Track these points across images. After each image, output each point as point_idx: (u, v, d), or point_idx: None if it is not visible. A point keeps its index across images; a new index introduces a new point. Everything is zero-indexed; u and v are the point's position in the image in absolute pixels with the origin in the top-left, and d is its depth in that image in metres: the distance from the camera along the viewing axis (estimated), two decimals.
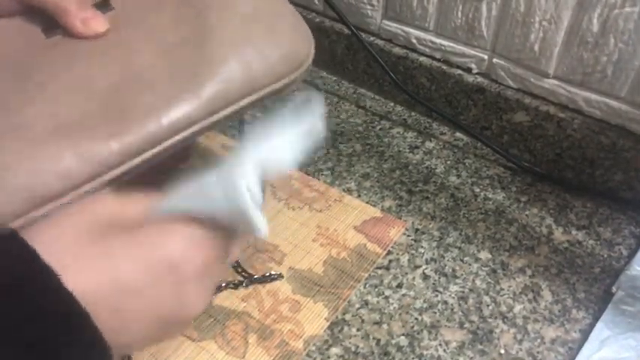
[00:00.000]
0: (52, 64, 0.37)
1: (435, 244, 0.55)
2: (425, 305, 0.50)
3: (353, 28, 0.67)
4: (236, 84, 0.38)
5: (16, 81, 0.36)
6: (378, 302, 0.50)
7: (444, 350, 0.47)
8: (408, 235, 0.56)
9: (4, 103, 0.34)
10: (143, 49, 0.38)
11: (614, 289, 0.51)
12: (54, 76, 0.36)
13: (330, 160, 0.64)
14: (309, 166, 0.63)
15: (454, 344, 0.47)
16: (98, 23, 0.37)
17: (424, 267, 0.53)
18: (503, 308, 0.50)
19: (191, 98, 0.36)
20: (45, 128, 0.33)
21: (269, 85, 0.39)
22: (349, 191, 0.60)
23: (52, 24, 0.38)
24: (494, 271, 0.53)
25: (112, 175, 0.35)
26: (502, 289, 0.52)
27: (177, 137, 0.36)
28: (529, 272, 0.53)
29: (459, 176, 0.63)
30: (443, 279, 0.52)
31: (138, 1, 0.40)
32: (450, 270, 0.53)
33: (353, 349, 0.47)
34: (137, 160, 0.35)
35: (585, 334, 0.48)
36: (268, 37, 0.39)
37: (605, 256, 0.55)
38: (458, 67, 0.66)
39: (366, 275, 0.52)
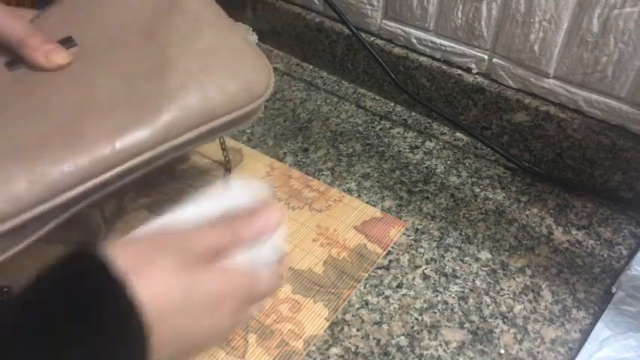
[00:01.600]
0: (14, 93, 0.37)
1: (435, 244, 0.55)
2: (425, 305, 0.50)
3: (353, 28, 0.67)
4: (193, 112, 0.39)
5: None
6: (378, 302, 0.50)
7: (444, 350, 0.47)
8: (408, 235, 0.56)
9: None
10: (105, 78, 0.39)
11: (614, 289, 0.51)
12: (13, 102, 0.37)
13: (330, 160, 0.64)
14: (309, 166, 0.63)
15: (454, 344, 0.47)
16: (60, 56, 0.39)
17: (424, 267, 0.53)
18: (503, 308, 0.50)
19: (147, 124, 0.37)
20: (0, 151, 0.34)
21: (226, 114, 0.41)
22: (349, 191, 0.60)
23: (16, 59, 0.39)
24: (494, 271, 0.53)
25: (65, 197, 0.35)
26: (502, 289, 0.52)
27: (133, 161, 0.37)
28: (529, 272, 0.53)
29: (459, 176, 0.63)
30: (443, 279, 0.52)
31: (101, 37, 0.42)
32: (450, 270, 0.53)
33: (353, 349, 0.47)
34: (91, 183, 0.35)
35: (585, 334, 0.48)
36: (226, 69, 0.41)
37: (605, 256, 0.55)
38: (458, 67, 0.66)
39: (366, 275, 0.52)
